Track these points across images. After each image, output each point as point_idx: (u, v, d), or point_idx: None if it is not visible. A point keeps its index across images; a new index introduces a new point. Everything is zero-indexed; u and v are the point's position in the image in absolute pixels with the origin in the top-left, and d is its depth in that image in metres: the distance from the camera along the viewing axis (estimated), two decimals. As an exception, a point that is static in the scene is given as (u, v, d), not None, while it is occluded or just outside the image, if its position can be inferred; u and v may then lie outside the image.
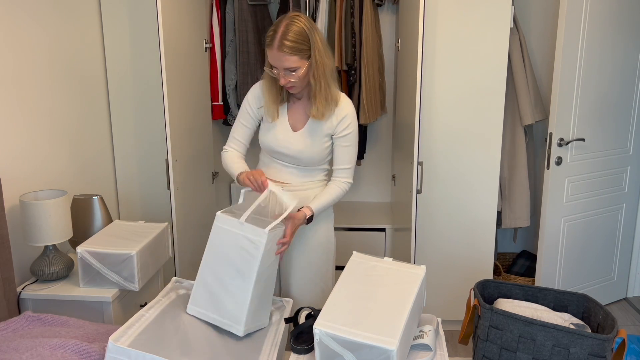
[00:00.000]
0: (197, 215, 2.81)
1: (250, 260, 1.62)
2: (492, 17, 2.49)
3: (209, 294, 1.65)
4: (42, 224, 1.93)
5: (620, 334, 1.46)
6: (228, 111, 3.24)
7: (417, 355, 1.50)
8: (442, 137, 2.63)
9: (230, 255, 1.65)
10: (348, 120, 1.86)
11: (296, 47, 1.71)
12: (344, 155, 1.91)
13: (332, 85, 1.83)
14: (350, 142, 1.90)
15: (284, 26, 1.71)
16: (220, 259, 1.66)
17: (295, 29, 1.71)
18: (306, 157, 1.88)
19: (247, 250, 1.63)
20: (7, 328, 1.67)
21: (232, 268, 1.64)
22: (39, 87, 2.22)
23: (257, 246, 1.62)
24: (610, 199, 2.98)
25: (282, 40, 1.70)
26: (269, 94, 1.87)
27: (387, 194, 3.66)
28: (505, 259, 3.42)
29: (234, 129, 1.96)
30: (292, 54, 1.71)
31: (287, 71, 1.75)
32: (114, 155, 2.78)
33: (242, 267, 1.62)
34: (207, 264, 1.69)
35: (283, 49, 1.70)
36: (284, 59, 1.72)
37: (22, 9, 2.12)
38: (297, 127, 1.89)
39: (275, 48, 1.71)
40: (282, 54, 1.71)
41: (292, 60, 1.72)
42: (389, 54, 3.38)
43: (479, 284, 1.73)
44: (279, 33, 1.71)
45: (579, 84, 2.66)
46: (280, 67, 1.74)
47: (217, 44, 3.12)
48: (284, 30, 1.70)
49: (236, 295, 1.61)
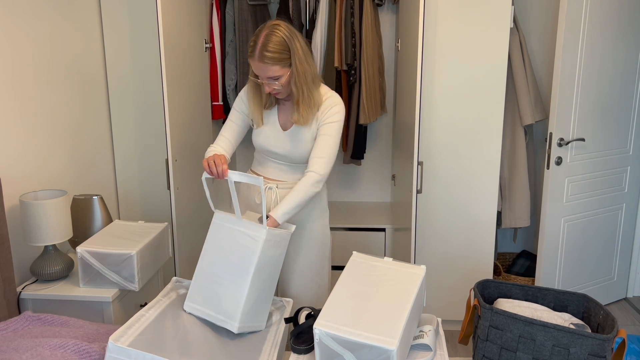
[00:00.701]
0: (197, 215, 2.81)
1: (249, 256, 1.62)
2: (492, 17, 2.49)
3: (205, 290, 1.65)
4: (42, 224, 1.93)
5: (620, 334, 1.46)
6: (228, 111, 3.24)
7: (417, 355, 1.50)
8: (442, 137, 2.63)
9: (229, 252, 1.65)
10: (336, 110, 1.86)
11: (276, 57, 1.73)
12: (320, 144, 1.85)
13: (314, 90, 1.85)
14: (332, 132, 1.86)
15: (264, 37, 1.73)
16: (218, 255, 1.67)
17: (274, 39, 1.72)
18: (297, 154, 1.91)
19: (245, 246, 1.63)
20: (7, 328, 1.67)
21: (230, 264, 1.64)
22: (39, 86, 2.22)
23: (256, 242, 1.63)
24: (610, 199, 2.98)
25: (262, 51, 1.72)
26: (254, 101, 1.90)
27: (387, 194, 3.66)
28: (505, 259, 3.42)
29: (223, 127, 1.97)
30: (273, 63, 1.74)
31: (270, 80, 1.78)
32: (114, 155, 2.78)
33: (240, 262, 1.62)
34: (205, 261, 1.69)
35: (264, 60, 1.73)
36: (265, 69, 1.75)
37: (22, 9, 2.11)
38: (287, 126, 1.92)
39: (257, 59, 1.74)
40: (263, 65, 1.74)
41: (273, 69, 1.75)
42: (389, 54, 3.38)
43: (479, 284, 1.73)
44: (259, 44, 1.73)
45: (579, 84, 2.66)
46: (263, 76, 1.77)
47: (217, 44, 3.12)
48: (263, 41, 1.72)
49: (233, 291, 1.61)
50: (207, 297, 1.64)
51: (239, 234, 1.65)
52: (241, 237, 1.65)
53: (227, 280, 1.63)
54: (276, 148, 1.92)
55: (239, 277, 1.61)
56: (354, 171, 3.61)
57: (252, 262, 1.61)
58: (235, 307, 1.60)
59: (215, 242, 1.69)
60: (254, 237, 1.63)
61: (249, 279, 1.60)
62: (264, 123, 1.92)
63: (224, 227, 1.69)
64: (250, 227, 1.65)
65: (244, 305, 1.60)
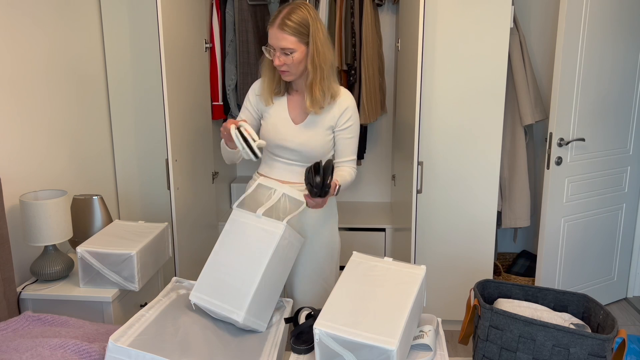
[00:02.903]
0: (197, 215, 2.81)
1: (264, 249, 1.63)
2: (492, 17, 2.49)
3: (214, 280, 1.65)
4: (42, 224, 1.93)
5: (620, 334, 1.46)
6: (228, 111, 3.24)
7: (417, 355, 1.50)
8: (442, 137, 2.63)
9: (244, 246, 1.66)
10: (350, 112, 1.87)
11: (296, 28, 1.74)
12: (347, 147, 1.92)
13: (332, 79, 1.85)
14: (353, 133, 1.91)
15: (289, 8, 1.76)
16: (233, 248, 1.67)
17: (299, 13, 1.75)
18: (307, 150, 1.87)
19: (262, 240, 1.64)
20: (7, 328, 1.67)
21: (244, 256, 1.64)
22: (38, 87, 2.22)
23: (274, 236, 1.64)
24: (610, 199, 2.98)
25: (284, 19, 1.74)
26: (266, 74, 1.88)
27: (387, 194, 3.66)
28: (505, 259, 3.42)
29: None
30: (291, 34, 1.74)
31: (283, 52, 1.77)
32: (114, 155, 2.78)
33: (255, 256, 1.63)
34: (218, 253, 1.69)
35: (283, 27, 1.74)
36: (281, 38, 1.75)
37: (21, 10, 2.11)
38: (298, 121, 1.89)
39: (276, 26, 1.75)
40: (281, 32, 1.74)
41: (289, 40, 1.75)
42: (389, 54, 3.39)
43: (479, 284, 1.73)
44: (283, 13, 1.75)
45: (579, 84, 2.66)
46: (277, 46, 1.77)
47: (217, 44, 3.12)
48: (288, 10, 1.75)
49: (243, 282, 1.61)
50: (216, 287, 1.63)
51: (256, 229, 1.67)
52: (258, 232, 1.66)
53: (238, 271, 1.63)
54: (287, 142, 1.87)
55: (252, 269, 1.61)
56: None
57: (267, 255, 1.62)
58: (244, 298, 1.59)
59: (231, 236, 1.70)
60: (271, 232, 1.65)
61: (261, 271, 1.60)
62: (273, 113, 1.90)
63: (242, 223, 1.70)
64: (268, 223, 1.67)
65: (253, 297, 1.59)
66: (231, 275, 1.63)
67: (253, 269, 1.61)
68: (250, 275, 1.61)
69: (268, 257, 1.62)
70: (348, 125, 1.88)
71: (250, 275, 1.61)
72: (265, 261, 1.61)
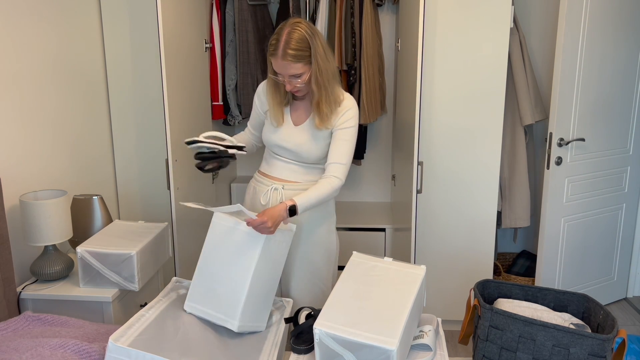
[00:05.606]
0: (197, 215, 2.81)
1: (250, 254, 1.62)
2: (492, 17, 2.49)
3: (205, 290, 1.65)
4: (42, 224, 1.93)
5: (620, 334, 1.46)
6: (228, 111, 3.24)
7: (417, 355, 1.50)
8: (442, 137, 2.63)
9: (229, 251, 1.65)
10: (351, 114, 1.86)
11: (299, 54, 1.74)
12: (338, 149, 1.85)
13: (336, 88, 1.86)
14: (348, 137, 1.86)
15: (286, 34, 1.73)
16: (219, 255, 1.66)
17: (296, 37, 1.73)
18: (305, 151, 1.88)
19: (246, 244, 1.63)
20: (7, 328, 1.67)
21: (231, 263, 1.63)
22: (39, 87, 2.22)
23: (258, 239, 1.63)
24: (610, 199, 2.98)
25: (285, 49, 1.72)
26: (273, 99, 1.90)
27: (387, 194, 3.66)
28: (505, 259, 3.42)
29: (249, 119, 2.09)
30: (296, 61, 1.74)
31: (292, 77, 1.78)
32: (114, 155, 2.78)
33: (241, 261, 1.62)
34: (205, 261, 1.69)
35: (287, 58, 1.73)
36: (288, 67, 1.75)
37: (22, 10, 2.12)
38: (299, 122, 1.91)
39: (280, 57, 1.74)
40: (286, 63, 1.74)
41: (296, 67, 1.75)
42: (389, 54, 3.38)
43: (479, 284, 1.73)
44: (282, 42, 1.73)
45: (579, 84, 2.66)
46: (285, 74, 1.77)
47: (217, 44, 3.12)
48: (286, 38, 1.73)
49: (233, 290, 1.61)
50: (208, 296, 1.64)
51: (240, 234, 1.65)
52: (242, 236, 1.65)
53: (227, 279, 1.63)
54: (285, 142, 1.89)
55: (240, 275, 1.61)
56: (354, 171, 3.60)
57: (253, 261, 1.61)
58: (235, 306, 1.60)
59: (215, 242, 1.69)
60: (255, 234, 1.63)
61: (249, 277, 1.60)
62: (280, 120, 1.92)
63: (224, 227, 1.68)
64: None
65: (245, 304, 1.60)
66: (221, 284, 1.63)
67: (241, 275, 1.61)
68: (239, 282, 1.61)
69: (255, 262, 1.61)
70: (346, 126, 1.86)
71: (239, 283, 1.61)
72: (252, 266, 1.61)
